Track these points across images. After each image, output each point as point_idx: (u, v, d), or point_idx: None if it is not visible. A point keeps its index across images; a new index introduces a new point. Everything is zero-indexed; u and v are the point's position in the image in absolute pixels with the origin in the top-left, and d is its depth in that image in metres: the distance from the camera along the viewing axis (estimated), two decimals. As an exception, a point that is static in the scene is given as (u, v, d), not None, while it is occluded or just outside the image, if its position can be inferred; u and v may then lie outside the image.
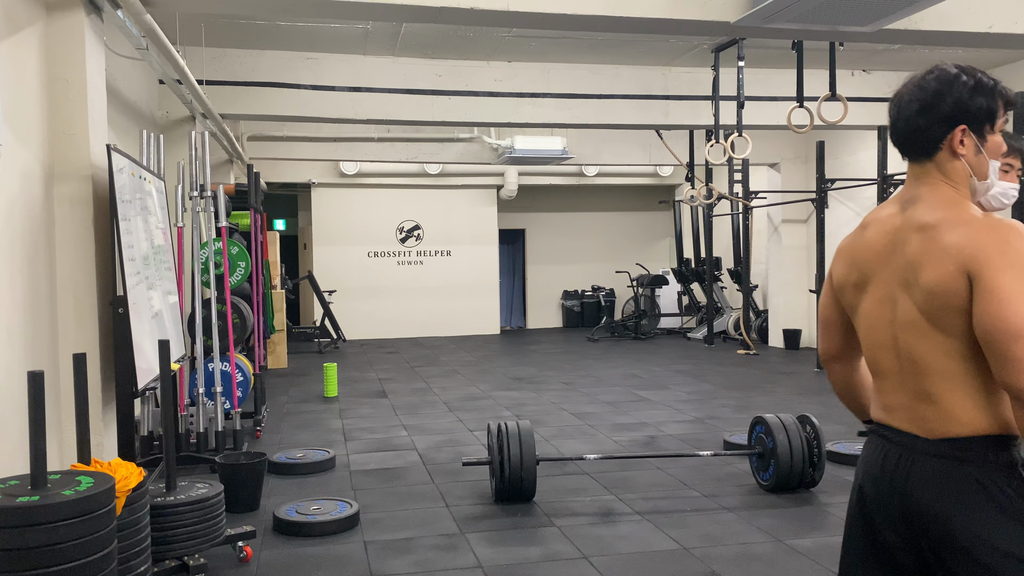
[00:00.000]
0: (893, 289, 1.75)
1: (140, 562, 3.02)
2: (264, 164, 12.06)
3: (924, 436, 1.70)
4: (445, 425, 6.97)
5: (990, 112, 1.73)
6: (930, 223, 1.69)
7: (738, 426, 6.60)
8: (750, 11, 5.25)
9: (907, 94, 1.77)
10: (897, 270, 1.74)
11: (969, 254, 1.60)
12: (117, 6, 4.49)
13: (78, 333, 4.20)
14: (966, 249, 1.61)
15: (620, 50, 8.05)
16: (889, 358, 1.77)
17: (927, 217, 1.71)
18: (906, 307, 1.71)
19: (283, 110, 8.05)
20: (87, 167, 4.22)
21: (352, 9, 5.13)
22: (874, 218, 1.85)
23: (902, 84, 1.81)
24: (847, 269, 1.87)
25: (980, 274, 1.58)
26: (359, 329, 14.27)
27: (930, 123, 1.73)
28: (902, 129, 1.78)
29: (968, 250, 1.60)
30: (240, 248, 7.34)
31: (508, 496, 4.64)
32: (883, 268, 1.77)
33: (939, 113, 1.72)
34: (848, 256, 1.88)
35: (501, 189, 14.94)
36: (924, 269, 1.67)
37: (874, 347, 1.82)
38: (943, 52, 8.29)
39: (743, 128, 7.43)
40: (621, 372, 10.01)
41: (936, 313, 1.65)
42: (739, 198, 11.64)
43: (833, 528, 4.25)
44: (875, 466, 1.81)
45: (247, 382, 6.67)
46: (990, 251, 1.59)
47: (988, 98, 1.73)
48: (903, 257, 1.72)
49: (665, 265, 16.33)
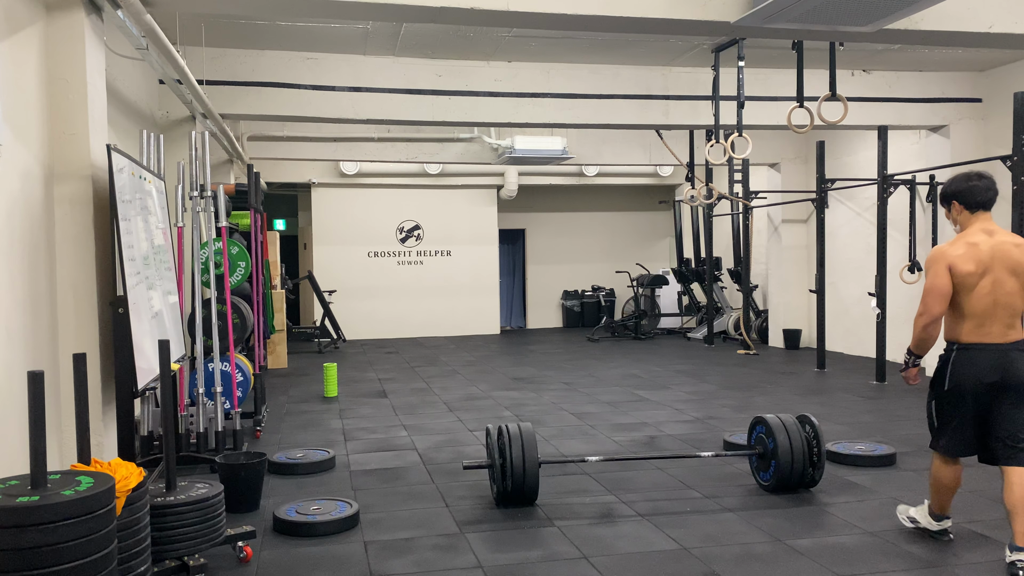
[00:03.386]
0: (1002, 274, 3.64)
1: (140, 562, 3.02)
2: (264, 164, 12.06)
3: (1008, 343, 3.66)
4: (445, 425, 6.97)
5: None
6: (1020, 243, 3.70)
7: (738, 426, 6.61)
8: (750, 11, 5.25)
9: (988, 178, 3.85)
10: (1005, 265, 3.64)
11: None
12: (117, 6, 4.49)
13: (78, 333, 4.21)
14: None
15: (620, 50, 8.05)
16: (993, 308, 3.64)
17: (1014, 240, 3.71)
18: (1011, 283, 3.64)
19: (283, 110, 8.05)
20: (87, 167, 4.22)
21: (352, 9, 5.13)
22: (977, 240, 3.70)
23: (983, 174, 3.87)
24: (972, 265, 3.63)
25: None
26: (359, 329, 14.27)
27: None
28: (992, 197, 3.82)
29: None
30: (240, 248, 7.34)
31: (510, 500, 4.62)
32: (994, 264, 3.64)
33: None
34: (971, 258, 3.64)
35: (501, 189, 14.94)
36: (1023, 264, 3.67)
37: (985, 304, 3.64)
38: (943, 52, 8.29)
39: (743, 128, 7.42)
40: (621, 372, 10.01)
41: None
42: (739, 198, 11.64)
43: (833, 528, 4.25)
44: (989, 359, 3.64)
45: (247, 382, 6.67)
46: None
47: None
48: (1009, 258, 3.64)
49: (665, 265, 16.33)
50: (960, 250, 3.67)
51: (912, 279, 9.43)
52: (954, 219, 3.87)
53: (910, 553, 3.88)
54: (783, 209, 12.33)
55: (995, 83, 9.12)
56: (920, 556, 3.84)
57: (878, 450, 5.60)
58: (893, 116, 9.10)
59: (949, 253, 3.68)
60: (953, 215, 3.86)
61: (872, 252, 9.47)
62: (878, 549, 3.94)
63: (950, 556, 3.84)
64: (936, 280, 3.67)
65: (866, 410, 7.36)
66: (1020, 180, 7.19)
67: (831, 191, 10.41)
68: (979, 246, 3.66)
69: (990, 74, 9.20)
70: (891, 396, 8.13)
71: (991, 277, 3.63)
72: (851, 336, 11.33)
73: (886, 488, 4.92)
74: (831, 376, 9.46)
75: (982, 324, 3.65)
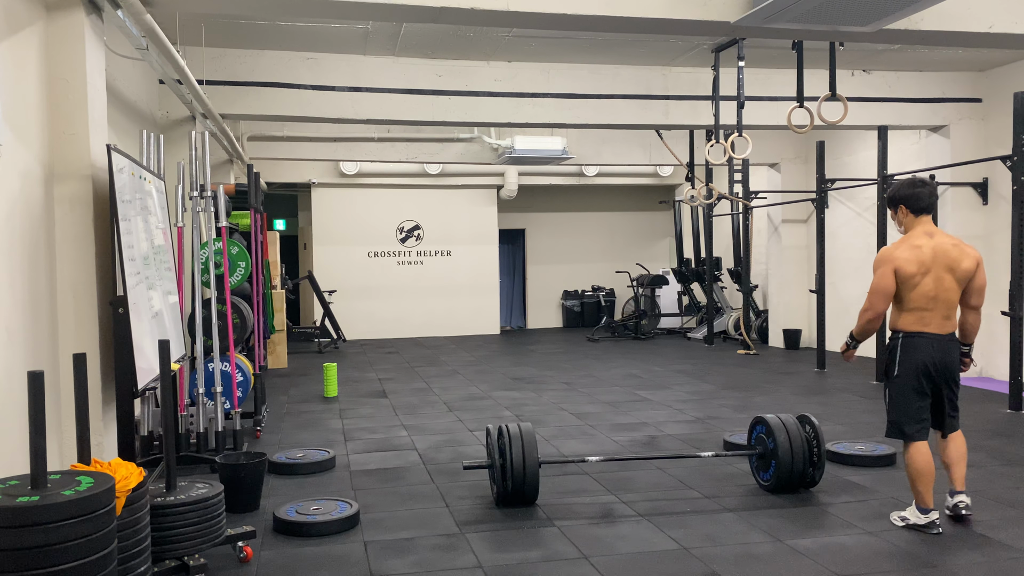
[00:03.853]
0: (941, 272, 4.06)
1: (140, 562, 3.02)
2: (264, 164, 12.06)
3: (945, 334, 4.11)
4: (445, 425, 6.97)
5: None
6: (957, 243, 4.13)
7: (738, 426, 6.61)
8: (750, 11, 5.25)
9: (931, 185, 4.24)
10: (944, 264, 4.06)
11: (977, 256, 4.13)
12: (117, 6, 4.49)
13: (78, 333, 4.21)
14: (976, 255, 4.13)
15: (620, 50, 8.05)
16: (934, 303, 4.07)
17: (951, 241, 4.14)
18: (949, 280, 4.07)
19: (283, 110, 8.05)
20: (87, 167, 4.22)
21: (352, 9, 5.13)
22: (920, 243, 4.10)
23: (926, 181, 4.25)
24: (915, 267, 4.05)
25: (981, 265, 4.14)
26: (359, 329, 14.27)
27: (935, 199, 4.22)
28: (934, 203, 4.21)
29: (976, 255, 4.13)
30: (240, 248, 7.34)
31: (510, 501, 4.62)
32: (935, 264, 4.05)
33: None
34: (915, 259, 4.06)
35: (501, 189, 14.94)
36: (962, 262, 4.07)
37: (926, 299, 4.07)
38: (943, 52, 8.29)
39: (743, 128, 7.43)
40: (621, 372, 10.01)
41: (961, 282, 4.09)
42: (739, 198, 11.64)
43: (833, 528, 4.25)
44: (929, 347, 4.08)
45: (247, 382, 6.67)
46: (980, 256, 4.16)
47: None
48: (948, 257, 4.07)
49: (665, 265, 16.33)
50: (905, 253, 4.09)
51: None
52: (899, 221, 4.28)
53: (910, 553, 3.88)
54: (783, 209, 12.33)
55: (995, 83, 9.12)
56: (920, 556, 3.84)
57: (878, 450, 5.60)
58: (893, 116, 9.11)
59: (896, 256, 4.10)
60: (899, 218, 4.27)
61: (872, 252, 9.47)
62: (878, 549, 3.94)
63: (950, 556, 3.84)
64: (882, 281, 4.10)
65: (866, 410, 7.36)
66: (1020, 180, 7.19)
67: (831, 191, 10.41)
68: (922, 248, 4.08)
69: (990, 74, 9.20)
70: (891, 396, 8.12)
71: (932, 275, 4.06)
72: (851, 336, 11.30)
73: (886, 488, 4.92)
74: (831, 376, 9.46)
75: (923, 316, 4.09)
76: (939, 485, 4.38)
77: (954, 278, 4.07)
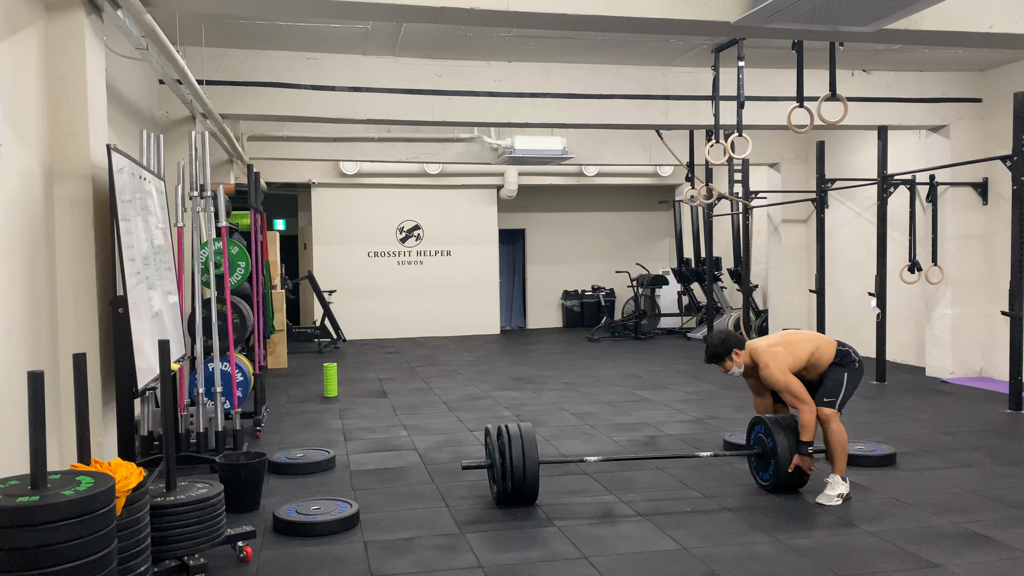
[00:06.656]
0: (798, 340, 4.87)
1: (140, 562, 3.02)
2: (264, 164, 12.06)
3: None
4: (445, 425, 6.97)
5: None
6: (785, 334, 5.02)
7: (738, 426, 6.61)
8: (750, 11, 5.25)
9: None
10: (792, 339, 4.91)
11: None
12: (117, 6, 4.49)
13: (78, 333, 4.21)
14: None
15: (620, 50, 8.05)
16: (809, 356, 4.81)
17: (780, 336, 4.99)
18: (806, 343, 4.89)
19: (283, 110, 8.05)
20: (87, 167, 4.22)
21: (352, 9, 5.13)
22: (774, 341, 4.84)
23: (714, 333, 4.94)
24: (792, 359, 4.73)
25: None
26: (359, 329, 14.27)
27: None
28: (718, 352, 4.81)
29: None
30: (240, 248, 7.34)
31: (510, 500, 4.62)
32: (791, 342, 4.86)
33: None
34: (789, 354, 4.71)
35: (501, 189, 14.94)
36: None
37: (807, 355, 4.81)
38: (943, 52, 8.29)
39: (743, 128, 7.42)
40: (621, 372, 10.01)
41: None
42: (739, 198, 11.63)
43: (833, 528, 4.25)
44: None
45: (247, 382, 6.66)
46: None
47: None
48: (790, 337, 4.98)
49: (665, 265, 16.33)
50: (785, 358, 4.70)
51: (912, 279, 9.44)
52: (739, 363, 4.76)
53: (910, 553, 3.88)
54: (783, 209, 12.33)
55: (995, 83, 9.12)
56: (920, 556, 3.84)
57: (878, 450, 5.60)
58: (893, 116, 9.10)
59: (784, 362, 4.68)
60: (737, 361, 4.75)
61: (872, 252, 9.47)
62: (878, 549, 3.95)
63: (950, 556, 3.84)
64: (790, 382, 4.64)
65: (866, 410, 7.36)
66: (1020, 180, 7.19)
67: (831, 191, 10.41)
68: (779, 344, 4.77)
69: (990, 74, 9.20)
70: (891, 396, 8.13)
71: (799, 348, 4.81)
72: (851, 336, 11.28)
73: (886, 488, 4.92)
74: (831, 376, 9.44)
75: (817, 363, 4.83)
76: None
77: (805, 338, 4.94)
